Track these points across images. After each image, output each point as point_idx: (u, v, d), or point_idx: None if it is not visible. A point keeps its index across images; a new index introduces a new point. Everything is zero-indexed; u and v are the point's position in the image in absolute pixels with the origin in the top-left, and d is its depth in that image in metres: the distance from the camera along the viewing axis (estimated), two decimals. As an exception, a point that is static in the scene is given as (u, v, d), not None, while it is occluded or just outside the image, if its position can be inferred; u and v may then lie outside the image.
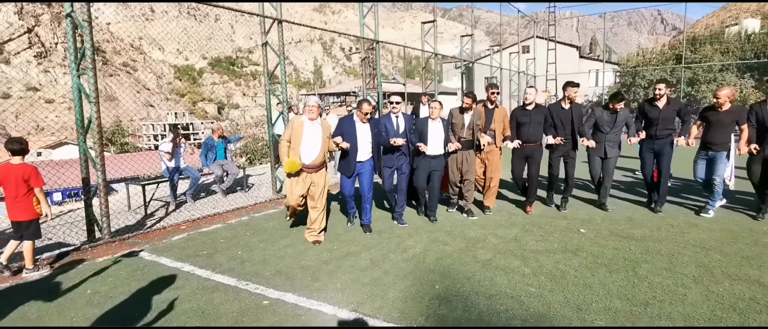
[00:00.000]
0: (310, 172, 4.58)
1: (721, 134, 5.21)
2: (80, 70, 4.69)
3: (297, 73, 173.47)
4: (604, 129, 5.57)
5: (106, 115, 70.97)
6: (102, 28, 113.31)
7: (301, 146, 4.48)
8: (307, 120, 4.52)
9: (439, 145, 5.24)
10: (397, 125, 5.14)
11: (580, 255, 4.15)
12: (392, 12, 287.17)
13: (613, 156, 5.61)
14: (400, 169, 5.28)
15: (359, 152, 4.88)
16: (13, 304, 3.35)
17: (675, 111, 5.46)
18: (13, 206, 3.93)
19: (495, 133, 5.56)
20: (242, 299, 3.37)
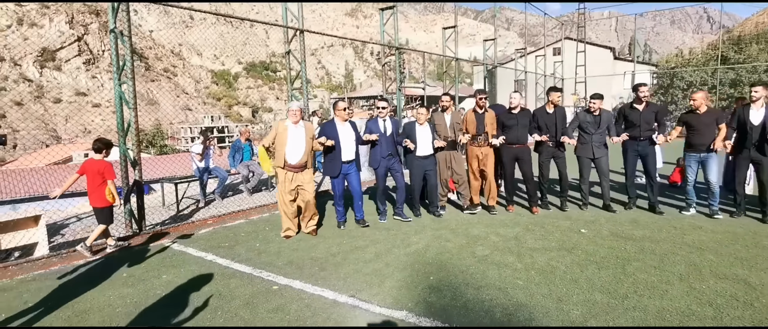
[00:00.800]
0: (296, 172, 4.98)
1: (706, 136, 5.41)
2: (121, 79, 5.26)
3: (329, 77, 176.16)
4: (588, 130, 5.84)
5: (147, 118, 74.55)
6: (145, 35, 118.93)
7: (286, 148, 4.89)
8: (291, 124, 4.93)
9: (428, 146, 5.67)
10: (384, 128, 5.55)
11: (574, 252, 4.34)
12: (424, 15, 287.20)
13: (601, 156, 5.86)
14: (392, 168, 5.66)
15: (344, 152, 5.25)
16: (67, 286, 3.88)
17: (653, 113, 5.72)
18: (92, 194, 4.72)
19: (488, 135, 5.88)
20: (255, 284, 3.78)
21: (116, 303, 3.46)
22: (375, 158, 5.60)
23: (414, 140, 5.58)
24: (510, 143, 5.89)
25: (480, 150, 5.89)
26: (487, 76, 14.23)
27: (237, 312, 3.25)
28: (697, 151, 5.50)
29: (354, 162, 5.42)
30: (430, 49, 11.70)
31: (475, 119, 5.89)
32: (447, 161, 5.88)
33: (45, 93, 79.33)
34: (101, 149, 4.76)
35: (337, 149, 5.23)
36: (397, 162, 5.68)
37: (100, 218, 4.77)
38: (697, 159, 5.53)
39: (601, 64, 36.07)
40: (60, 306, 3.43)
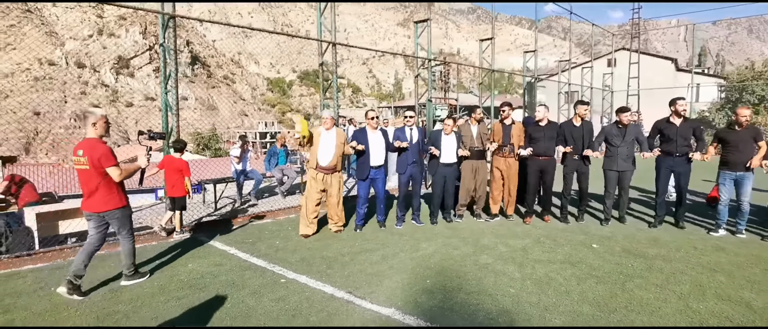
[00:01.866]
0: (326, 173, 5.38)
1: (744, 153, 5.20)
2: (167, 88, 5.88)
3: (379, 86, 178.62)
4: (614, 143, 5.80)
5: (205, 122, 79.12)
6: (208, 45, 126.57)
7: (318, 151, 5.30)
8: (324, 130, 5.35)
9: (452, 155, 5.93)
10: (410, 136, 5.81)
11: (578, 266, 4.36)
12: (476, 25, 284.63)
13: (626, 170, 5.81)
14: (414, 176, 5.91)
15: (372, 158, 5.61)
16: (108, 269, 4.44)
17: (691, 129, 5.58)
18: (171, 186, 5.65)
19: (514, 146, 6.02)
20: (266, 277, 4.14)
21: (145, 285, 3.94)
22: (402, 164, 5.88)
23: (439, 148, 5.86)
24: (536, 155, 5.96)
25: (505, 161, 6.06)
26: (526, 88, 14.07)
27: (244, 299, 3.61)
28: (733, 169, 5.30)
29: (382, 168, 5.77)
30: (482, 59, 11.82)
31: (501, 130, 6.08)
32: (473, 170, 6.13)
33: (119, 97, 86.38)
34: (181, 149, 5.76)
35: (366, 154, 5.60)
36: (418, 171, 5.95)
37: (176, 205, 5.69)
38: (733, 178, 5.33)
39: (661, 76, 34.21)
40: (97, 286, 3.95)
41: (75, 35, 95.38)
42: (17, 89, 75.68)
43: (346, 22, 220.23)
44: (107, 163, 3.67)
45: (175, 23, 5.79)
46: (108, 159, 3.67)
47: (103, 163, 3.66)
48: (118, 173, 3.73)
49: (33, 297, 3.67)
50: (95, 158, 3.63)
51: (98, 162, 3.64)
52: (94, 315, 3.34)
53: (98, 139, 3.74)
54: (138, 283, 4.00)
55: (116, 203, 3.82)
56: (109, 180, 3.75)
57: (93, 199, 3.74)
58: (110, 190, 3.78)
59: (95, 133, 3.73)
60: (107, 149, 3.70)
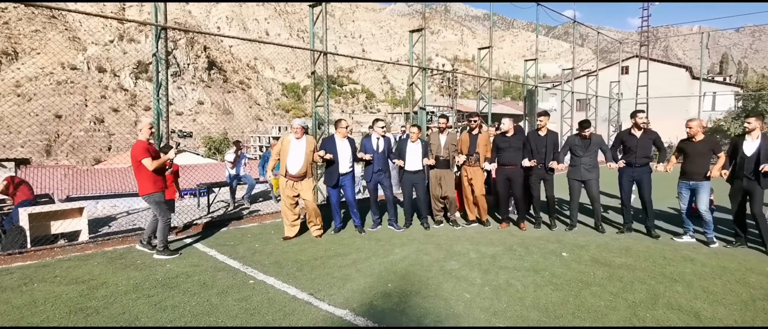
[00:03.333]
0: (296, 180, 5.55)
1: (700, 164, 5.42)
2: (158, 97, 6.16)
3: (393, 92, 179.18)
4: (577, 153, 5.99)
5: (220, 127, 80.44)
6: (225, 50, 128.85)
7: (288, 159, 5.49)
8: (293, 138, 5.56)
9: (418, 162, 6.10)
10: (377, 145, 6.00)
11: (541, 274, 4.45)
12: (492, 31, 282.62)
13: (591, 179, 5.97)
14: (382, 183, 6.08)
15: (341, 165, 5.80)
16: (92, 267, 4.69)
17: (651, 140, 5.84)
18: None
19: (479, 155, 6.22)
20: (237, 278, 4.34)
21: (121, 282, 4.17)
22: (368, 173, 6.08)
23: (404, 156, 6.03)
24: (503, 164, 6.19)
25: (470, 169, 6.27)
26: (527, 97, 14.12)
27: (209, 298, 3.81)
28: (689, 179, 5.52)
29: (350, 174, 5.94)
30: (497, 65, 11.97)
31: (468, 140, 6.26)
32: (438, 178, 6.25)
33: (137, 101, 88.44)
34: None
35: (335, 162, 5.76)
36: (386, 178, 6.14)
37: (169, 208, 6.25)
38: (688, 187, 5.57)
39: (676, 85, 33.73)
40: (77, 282, 4.20)
41: (97, 40, 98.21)
42: (40, 92, 78.12)
43: (361, 28, 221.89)
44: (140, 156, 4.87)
45: (166, 35, 6.07)
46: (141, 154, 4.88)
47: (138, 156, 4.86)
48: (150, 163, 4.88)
49: (16, 292, 3.93)
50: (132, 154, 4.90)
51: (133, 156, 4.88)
52: (67, 308, 3.57)
53: (141, 141, 4.96)
54: (167, 259, 4.92)
55: (149, 189, 4.93)
56: (144, 170, 4.88)
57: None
58: (144, 178, 4.91)
59: (141, 136, 4.99)
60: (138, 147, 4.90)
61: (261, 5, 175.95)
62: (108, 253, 5.19)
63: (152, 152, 5.00)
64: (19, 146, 64.55)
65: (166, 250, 5.02)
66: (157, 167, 4.97)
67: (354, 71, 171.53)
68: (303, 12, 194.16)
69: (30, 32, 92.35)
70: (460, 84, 36.52)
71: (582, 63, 60.58)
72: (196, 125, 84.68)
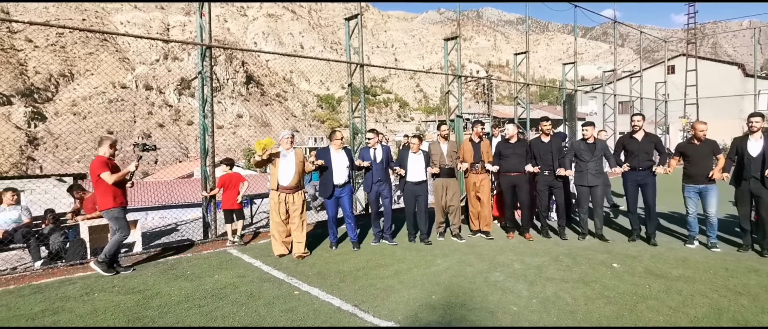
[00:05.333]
0: (288, 193, 5.51)
1: (703, 166, 5.34)
2: (204, 113, 6.41)
3: (427, 100, 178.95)
4: (584, 158, 5.88)
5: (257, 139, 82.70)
6: (262, 64, 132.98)
7: (278, 171, 5.48)
8: (283, 150, 5.55)
9: (420, 173, 6.02)
10: (374, 155, 5.98)
11: (591, 286, 4.28)
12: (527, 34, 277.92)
13: (596, 185, 5.89)
14: (382, 194, 6.01)
15: (336, 176, 5.73)
16: (146, 277, 4.92)
17: (653, 143, 5.75)
18: (231, 201, 6.42)
19: (483, 163, 6.16)
20: (282, 288, 4.42)
21: (173, 292, 4.34)
22: (367, 183, 6.05)
23: (405, 167, 5.99)
24: (507, 172, 6.16)
25: (476, 177, 6.19)
26: (566, 101, 13.73)
27: (257, 309, 3.89)
28: (696, 182, 5.46)
29: (346, 186, 5.88)
30: (532, 69, 11.81)
31: (471, 148, 6.19)
32: (444, 187, 6.19)
33: (181, 116, 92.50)
34: (231, 164, 6.63)
35: (329, 172, 5.75)
36: (386, 188, 6.05)
37: (238, 216, 6.57)
38: (697, 190, 5.49)
39: (727, 84, 31.92)
40: (134, 291, 4.40)
41: (144, 60, 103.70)
42: (94, 111, 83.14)
43: (393, 37, 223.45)
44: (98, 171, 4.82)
45: (211, 53, 6.33)
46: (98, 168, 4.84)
47: (96, 170, 4.81)
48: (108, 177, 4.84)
49: (78, 302, 4.15)
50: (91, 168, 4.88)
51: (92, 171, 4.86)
52: (125, 318, 3.74)
53: (100, 156, 4.92)
54: (101, 273, 4.90)
55: (109, 204, 4.89)
56: (103, 184, 4.84)
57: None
58: (104, 193, 4.87)
59: (100, 151, 4.97)
60: (97, 162, 4.86)
61: (296, 20, 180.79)
62: (160, 264, 5.42)
63: (111, 167, 4.94)
64: (76, 161, 68.82)
65: (103, 264, 4.89)
66: (117, 181, 4.91)
67: (387, 81, 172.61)
68: (336, 24, 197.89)
69: (84, 55, 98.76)
70: (495, 90, 36.03)
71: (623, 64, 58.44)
72: (235, 137, 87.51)
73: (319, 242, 6.36)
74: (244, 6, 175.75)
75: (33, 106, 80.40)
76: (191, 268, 5.19)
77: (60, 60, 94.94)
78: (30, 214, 5.96)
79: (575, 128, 13.46)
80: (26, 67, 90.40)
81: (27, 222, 5.79)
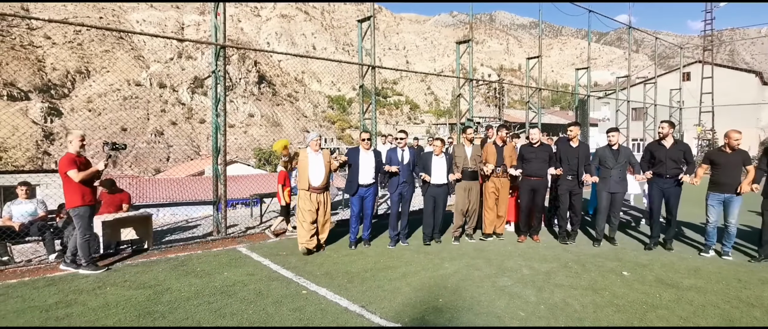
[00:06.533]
0: (318, 192, 5.68)
1: (733, 176, 5.26)
2: (217, 112, 6.48)
3: (438, 103, 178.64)
4: (607, 164, 5.86)
5: (269, 139, 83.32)
6: (274, 64, 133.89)
7: (309, 172, 5.60)
8: (311, 151, 5.69)
9: (442, 176, 6.03)
10: (402, 156, 6.01)
11: (600, 294, 4.25)
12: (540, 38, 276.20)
13: (619, 191, 5.91)
14: (404, 196, 6.04)
15: (361, 176, 5.86)
16: (156, 273, 4.99)
17: (681, 152, 5.67)
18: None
19: (506, 167, 6.20)
20: (290, 288, 4.45)
21: (183, 288, 4.39)
22: (393, 184, 6.09)
23: (428, 170, 6.01)
24: (528, 176, 6.17)
25: (498, 181, 6.23)
26: (578, 107, 13.62)
27: (265, 307, 3.92)
28: (722, 191, 5.35)
29: (371, 186, 5.98)
30: (545, 74, 11.76)
31: (495, 151, 6.23)
32: (466, 190, 6.20)
33: (193, 115, 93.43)
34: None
35: (355, 171, 5.88)
36: (410, 190, 6.12)
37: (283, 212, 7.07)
38: (721, 199, 5.40)
39: (744, 92, 31.42)
40: (145, 287, 4.46)
41: (159, 58, 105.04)
42: (109, 107, 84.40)
43: (405, 40, 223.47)
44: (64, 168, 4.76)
45: (225, 53, 6.40)
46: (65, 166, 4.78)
47: (64, 168, 4.76)
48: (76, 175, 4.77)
49: (91, 295, 4.23)
50: (59, 166, 4.82)
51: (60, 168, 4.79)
52: (136, 312, 3.80)
53: (69, 153, 4.87)
54: (93, 274, 4.87)
55: (76, 202, 4.83)
56: (71, 182, 4.78)
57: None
58: (71, 191, 4.81)
59: (70, 148, 4.92)
60: (64, 160, 4.82)
61: (309, 21, 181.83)
62: (171, 260, 5.48)
63: (80, 164, 4.86)
64: (90, 157, 69.77)
65: (91, 265, 4.94)
66: (84, 179, 4.83)
67: (398, 83, 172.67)
68: (348, 26, 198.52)
69: (101, 52, 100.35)
70: (506, 94, 35.83)
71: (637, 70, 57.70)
72: (247, 136, 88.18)
73: (333, 241, 6.40)
74: (257, 6, 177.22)
75: (50, 102, 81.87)
76: (201, 265, 5.24)
77: (77, 57, 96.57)
78: (45, 208, 6.07)
79: (587, 133, 13.35)
80: (44, 63, 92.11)
81: (42, 216, 5.90)
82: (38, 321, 3.65)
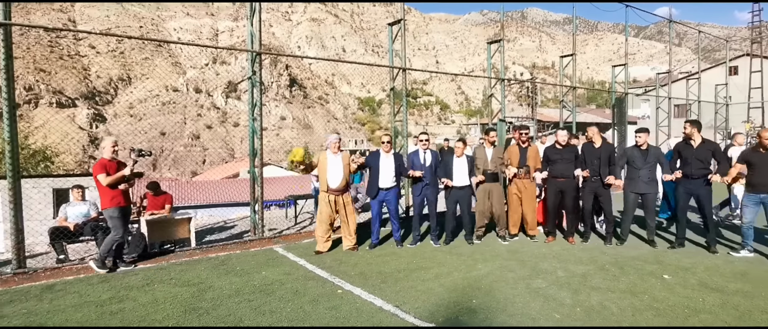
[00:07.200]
0: (337, 195, 5.77)
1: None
2: (254, 116, 6.71)
3: (468, 103, 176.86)
4: (636, 165, 5.73)
5: (300, 141, 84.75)
6: (305, 67, 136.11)
7: (328, 174, 5.69)
8: (330, 154, 5.76)
9: (464, 178, 6.04)
10: (424, 159, 6.03)
11: (639, 297, 4.15)
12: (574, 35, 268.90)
13: (649, 192, 5.78)
14: (428, 198, 6.06)
15: (382, 180, 5.90)
16: (199, 271, 5.23)
17: (710, 151, 5.53)
18: None
19: (529, 168, 6.13)
20: (326, 287, 4.57)
21: (224, 286, 4.59)
22: (417, 187, 6.13)
23: (450, 172, 6.03)
24: (555, 177, 6.11)
25: (520, 183, 6.19)
26: (615, 105, 13.22)
27: (302, 305, 4.05)
28: (759, 191, 5.26)
29: (392, 189, 6.01)
30: (580, 71, 11.58)
31: (518, 152, 6.19)
32: (487, 192, 6.19)
33: (227, 118, 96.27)
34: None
35: (375, 175, 5.95)
36: (433, 192, 6.13)
37: None
38: (758, 200, 5.28)
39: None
40: (189, 284, 4.69)
41: (195, 64, 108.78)
42: (148, 113, 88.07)
43: (435, 40, 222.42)
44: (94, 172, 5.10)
45: (261, 59, 6.62)
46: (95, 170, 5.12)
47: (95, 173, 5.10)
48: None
49: (140, 291, 4.48)
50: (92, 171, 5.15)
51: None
52: (182, 308, 4.01)
53: (102, 158, 5.19)
54: (99, 271, 5.11)
55: (106, 204, 5.16)
56: (100, 185, 5.09)
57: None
58: (103, 194, 5.13)
59: (104, 154, 5.24)
60: (96, 164, 5.13)
61: (338, 24, 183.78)
62: (212, 259, 5.73)
63: (110, 169, 5.16)
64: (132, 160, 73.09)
65: (101, 263, 5.14)
66: (112, 183, 5.11)
67: (428, 83, 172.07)
68: (378, 28, 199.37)
69: (141, 60, 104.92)
70: (539, 93, 35.13)
71: (680, 65, 55.22)
72: (279, 139, 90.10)
73: (364, 241, 6.49)
74: (288, 11, 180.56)
75: (95, 108, 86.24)
76: (240, 264, 5.45)
77: (119, 65, 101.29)
78: (97, 209, 6.45)
79: (625, 132, 12.94)
80: (89, 72, 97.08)
81: (94, 217, 6.27)
82: (95, 315, 3.91)
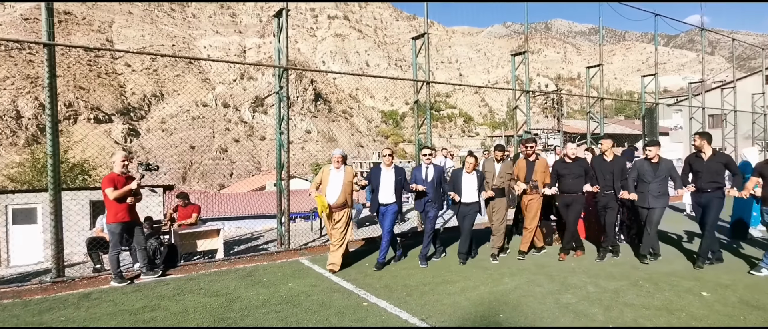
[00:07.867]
0: (335, 210, 5.59)
1: None
2: (281, 130, 6.86)
3: (492, 115, 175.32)
4: (646, 179, 5.57)
5: (325, 154, 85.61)
6: (329, 82, 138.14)
7: (327, 189, 5.58)
8: (333, 168, 5.63)
9: (473, 194, 5.84)
10: (426, 174, 5.90)
11: (676, 314, 4.00)
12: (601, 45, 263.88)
13: (657, 206, 5.60)
14: (428, 214, 5.88)
15: (382, 195, 5.76)
16: (227, 282, 5.33)
17: (721, 164, 5.38)
18: None
19: (537, 183, 5.97)
20: (351, 299, 4.58)
21: (252, 297, 4.66)
22: (419, 203, 6.02)
23: (459, 188, 5.85)
24: (563, 192, 5.97)
25: (526, 197, 6.05)
26: (646, 116, 12.88)
27: (328, 317, 4.07)
28: None
29: (391, 205, 5.80)
30: (607, 81, 11.39)
31: (526, 167, 6.07)
32: (492, 208, 6.07)
33: (254, 132, 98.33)
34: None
35: (375, 190, 5.86)
36: (434, 208, 5.91)
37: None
38: None
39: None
40: (218, 294, 4.78)
41: (223, 80, 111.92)
42: (179, 127, 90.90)
43: (458, 53, 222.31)
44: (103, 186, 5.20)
45: (287, 74, 6.79)
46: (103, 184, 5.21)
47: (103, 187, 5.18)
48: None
49: (172, 301, 4.60)
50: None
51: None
52: (212, 318, 4.09)
53: (112, 172, 5.27)
54: (113, 284, 5.19)
55: (110, 219, 5.21)
56: (107, 199, 5.16)
57: None
58: (108, 208, 5.20)
59: (115, 168, 5.30)
60: (105, 178, 5.20)
61: (362, 39, 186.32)
62: (239, 270, 5.83)
63: (118, 183, 5.20)
64: (163, 173, 75.45)
65: (119, 279, 5.23)
66: (119, 197, 5.16)
67: (451, 95, 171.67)
68: (400, 42, 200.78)
69: (173, 77, 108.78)
70: (565, 104, 34.55)
71: (713, 74, 53.32)
72: (304, 152, 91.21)
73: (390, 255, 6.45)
74: (313, 27, 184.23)
75: (129, 123, 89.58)
76: (267, 275, 5.53)
77: (152, 82, 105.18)
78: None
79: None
80: (125, 89, 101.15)
81: (128, 228, 6.49)
82: (129, 322, 4.03)
